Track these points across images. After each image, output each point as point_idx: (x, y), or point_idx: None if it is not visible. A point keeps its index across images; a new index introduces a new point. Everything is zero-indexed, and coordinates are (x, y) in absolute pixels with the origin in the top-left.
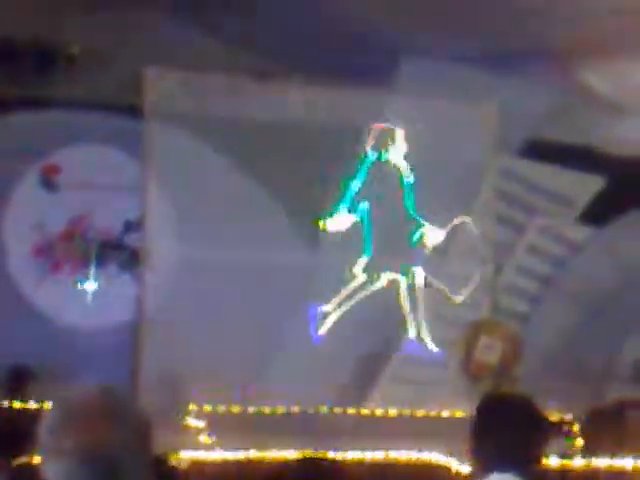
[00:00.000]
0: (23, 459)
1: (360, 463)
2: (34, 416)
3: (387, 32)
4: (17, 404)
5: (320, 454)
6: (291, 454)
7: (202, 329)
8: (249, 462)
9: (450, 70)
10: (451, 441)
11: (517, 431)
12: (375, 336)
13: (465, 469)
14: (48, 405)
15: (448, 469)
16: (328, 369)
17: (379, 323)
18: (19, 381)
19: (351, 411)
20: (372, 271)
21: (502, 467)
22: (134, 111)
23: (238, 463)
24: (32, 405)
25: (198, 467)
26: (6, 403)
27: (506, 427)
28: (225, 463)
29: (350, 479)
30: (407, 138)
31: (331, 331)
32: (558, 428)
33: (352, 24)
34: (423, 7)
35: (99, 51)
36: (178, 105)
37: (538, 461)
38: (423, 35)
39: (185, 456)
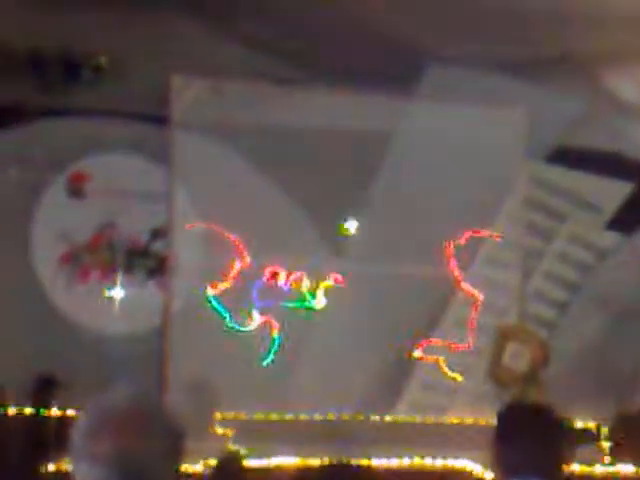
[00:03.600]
0: (52, 466)
1: (387, 470)
2: (62, 424)
3: (415, 38)
4: (45, 412)
5: (348, 461)
6: (319, 461)
7: (228, 336)
8: (276, 470)
9: (479, 77)
10: (479, 449)
11: (538, 438)
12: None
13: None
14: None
15: (476, 476)
16: (355, 376)
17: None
18: (47, 389)
19: (379, 418)
20: None
21: (524, 475)
22: (161, 119)
23: (265, 471)
24: (60, 413)
25: None
26: (34, 411)
27: (527, 434)
28: (252, 471)
29: None
30: (437, 144)
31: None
32: (586, 435)
33: (379, 30)
34: (453, 13)
35: (126, 61)
36: (205, 113)
37: (560, 468)
38: (452, 41)
39: (213, 463)
